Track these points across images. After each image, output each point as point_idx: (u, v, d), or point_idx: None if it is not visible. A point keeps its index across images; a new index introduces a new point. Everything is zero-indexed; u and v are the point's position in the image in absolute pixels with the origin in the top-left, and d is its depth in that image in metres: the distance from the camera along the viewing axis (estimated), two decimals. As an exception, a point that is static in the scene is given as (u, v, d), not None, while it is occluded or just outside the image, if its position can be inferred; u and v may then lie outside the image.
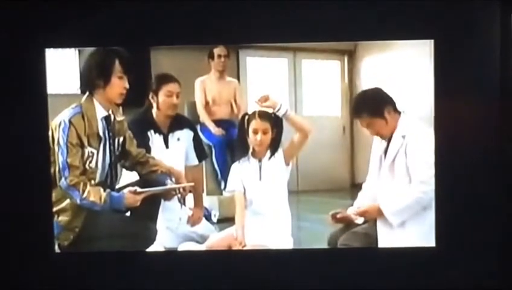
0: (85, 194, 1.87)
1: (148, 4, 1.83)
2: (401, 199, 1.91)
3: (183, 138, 2.14)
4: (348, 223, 2.00)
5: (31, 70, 1.85)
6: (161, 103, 2.08)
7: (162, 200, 2.04)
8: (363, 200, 2.01)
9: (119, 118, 1.98)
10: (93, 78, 1.90)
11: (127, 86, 1.92)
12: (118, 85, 1.91)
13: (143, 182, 2.01)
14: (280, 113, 1.99)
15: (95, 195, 1.88)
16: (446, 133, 1.82)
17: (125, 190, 1.94)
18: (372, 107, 1.93)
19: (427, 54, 1.83)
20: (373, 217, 1.96)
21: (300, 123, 2.00)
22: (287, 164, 2.06)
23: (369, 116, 1.93)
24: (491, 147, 1.80)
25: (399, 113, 1.93)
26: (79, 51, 1.99)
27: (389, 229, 1.92)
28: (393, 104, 1.93)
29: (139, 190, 1.93)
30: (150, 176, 2.03)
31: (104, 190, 1.90)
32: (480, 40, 1.80)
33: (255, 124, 2.02)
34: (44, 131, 1.86)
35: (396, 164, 1.90)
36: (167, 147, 2.10)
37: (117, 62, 1.90)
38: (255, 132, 2.02)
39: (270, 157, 2.05)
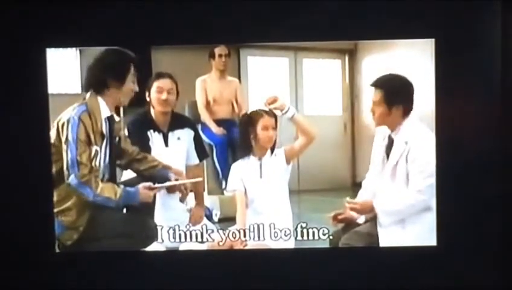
0: (98, 190, 1.87)
1: (149, 3, 1.83)
2: (395, 202, 1.91)
3: (183, 137, 2.14)
4: (349, 223, 2.00)
5: (32, 70, 1.85)
6: (153, 99, 2.08)
7: (158, 196, 2.05)
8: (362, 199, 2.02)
9: (117, 118, 2.00)
10: (107, 79, 1.91)
11: (137, 88, 1.96)
12: (131, 88, 1.95)
13: (143, 178, 2.02)
14: (288, 116, 1.99)
15: (109, 191, 1.89)
16: (447, 133, 1.82)
17: (140, 185, 1.95)
18: (390, 91, 1.92)
19: (428, 53, 1.83)
20: (365, 212, 1.97)
21: (306, 127, 2.01)
22: (288, 163, 2.06)
23: (382, 95, 1.92)
24: (492, 147, 1.80)
25: (406, 115, 1.92)
26: (80, 50, 1.99)
27: (390, 229, 1.92)
28: (408, 105, 1.91)
29: (153, 185, 1.96)
30: (150, 172, 2.04)
31: None
32: (481, 40, 1.80)
33: (264, 121, 2.02)
34: (46, 130, 1.87)
35: (398, 169, 1.90)
36: (166, 145, 2.11)
37: (132, 66, 1.93)
38: (266, 128, 2.03)
39: (270, 155, 2.06)
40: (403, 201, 1.90)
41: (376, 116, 1.95)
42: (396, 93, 1.92)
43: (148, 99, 2.09)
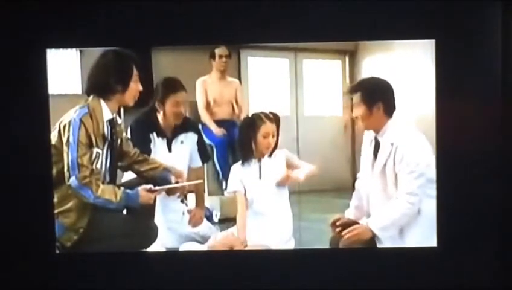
0: (99, 192, 1.87)
1: (150, 4, 1.83)
2: (388, 214, 1.90)
3: (186, 141, 2.13)
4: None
5: (32, 70, 1.85)
6: (168, 112, 2.07)
7: (158, 198, 2.04)
8: (356, 201, 2.02)
9: (119, 120, 2.00)
10: (112, 84, 1.90)
11: (141, 88, 1.94)
12: (135, 89, 1.94)
13: (143, 179, 2.01)
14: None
15: (110, 193, 1.88)
16: (447, 133, 1.82)
17: (140, 188, 1.94)
18: (367, 91, 1.92)
19: (429, 54, 1.83)
20: (365, 237, 1.92)
21: (312, 174, 2.06)
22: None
23: (360, 96, 1.92)
24: (492, 147, 1.80)
25: (389, 115, 1.92)
26: (80, 51, 2.00)
27: (390, 240, 1.92)
28: (388, 104, 1.91)
29: (153, 188, 1.95)
30: (151, 173, 2.03)
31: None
32: (482, 40, 1.80)
33: (265, 128, 2.03)
34: (46, 131, 1.86)
35: (387, 170, 1.89)
36: (170, 151, 2.10)
37: (134, 67, 1.91)
38: (266, 136, 2.03)
39: (269, 156, 2.06)
40: (395, 211, 1.89)
41: (360, 120, 1.94)
42: (373, 92, 1.91)
43: (158, 108, 2.08)
